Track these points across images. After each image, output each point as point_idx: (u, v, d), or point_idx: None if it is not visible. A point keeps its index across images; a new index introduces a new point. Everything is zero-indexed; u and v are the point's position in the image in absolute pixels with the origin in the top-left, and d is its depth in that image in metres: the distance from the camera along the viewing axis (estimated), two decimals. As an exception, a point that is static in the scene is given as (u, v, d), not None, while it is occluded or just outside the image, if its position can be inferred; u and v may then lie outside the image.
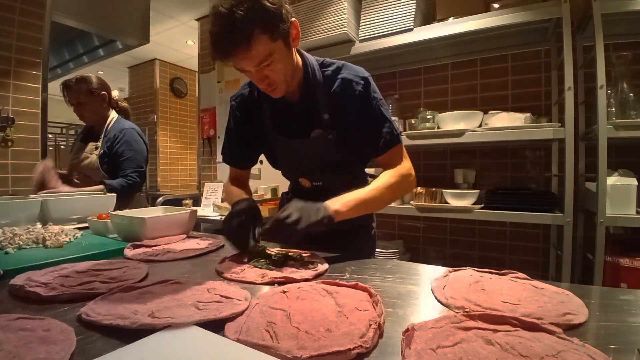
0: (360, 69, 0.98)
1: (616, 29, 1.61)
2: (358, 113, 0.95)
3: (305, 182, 1.08)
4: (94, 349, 0.42)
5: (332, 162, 1.01)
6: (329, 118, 0.95)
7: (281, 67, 0.86)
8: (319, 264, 0.76)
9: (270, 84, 0.88)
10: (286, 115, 1.00)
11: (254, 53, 0.79)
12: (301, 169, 1.08)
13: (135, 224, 0.98)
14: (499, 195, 1.71)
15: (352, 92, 0.94)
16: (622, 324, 0.48)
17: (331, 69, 0.97)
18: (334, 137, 0.95)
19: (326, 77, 0.96)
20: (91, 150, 1.74)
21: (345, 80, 0.95)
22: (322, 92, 0.95)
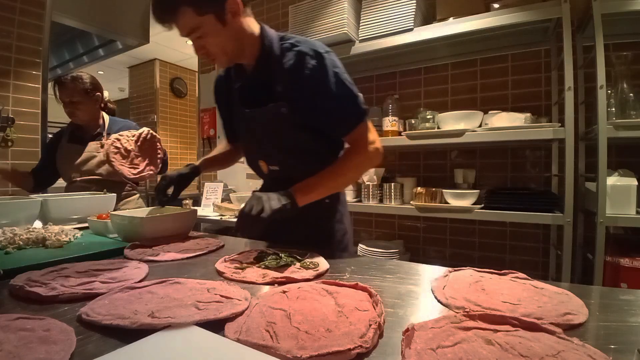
0: (319, 43, 0.95)
1: (616, 29, 1.61)
2: (312, 89, 0.91)
3: (263, 166, 1.08)
4: (94, 349, 0.42)
5: (290, 144, 0.99)
6: (282, 90, 0.94)
7: (215, 41, 0.89)
8: (319, 264, 0.76)
9: (208, 55, 0.92)
10: (247, 87, 1.02)
11: (181, 24, 0.85)
12: (258, 149, 1.08)
13: (135, 224, 0.98)
14: (499, 195, 1.71)
15: (304, 65, 0.91)
16: (622, 324, 0.48)
17: (289, 42, 0.96)
18: (288, 112, 0.93)
19: (283, 49, 0.96)
20: (96, 149, 1.73)
21: (300, 53, 0.92)
22: (277, 64, 0.95)
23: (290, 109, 0.93)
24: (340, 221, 1.10)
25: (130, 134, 1.72)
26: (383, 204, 2.04)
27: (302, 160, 1.02)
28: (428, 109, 1.95)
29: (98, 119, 1.80)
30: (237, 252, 0.85)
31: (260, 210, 0.80)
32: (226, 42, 0.91)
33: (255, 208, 0.81)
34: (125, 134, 1.70)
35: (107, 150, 1.61)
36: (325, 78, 0.91)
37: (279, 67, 0.94)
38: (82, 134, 1.78)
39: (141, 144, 1.74)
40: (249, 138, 1.08)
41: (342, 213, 1.12)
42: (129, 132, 1.73)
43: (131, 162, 1.69)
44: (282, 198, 0.85)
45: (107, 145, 1.63)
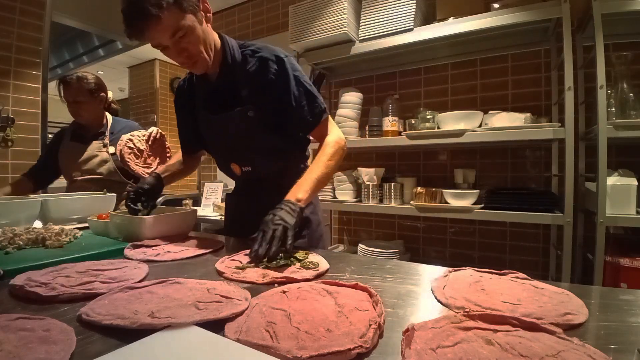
0: (278, 49, 1.01)
1: (616, 29, 1.61)
2: (277, 92, 0.97)
3: (235, 168, 1.10)
4: (94, 349, 0.42)
5: (259, 145, 1.03)
6: (247, 95, 0.98)
7: (196, 39, 0.89)
8: (319, 264, 0.76)
9: (190, 57, 0.91)
10: (211, 94, 1.04)
11: (166, 24, 0.82)
12: (228, 152, 1.10)
13: (135, 224, 0.98)
14: (499, 195, 1.71)
15: (267, 70, 0.97)
16: (622, 324, 0.48)
17: (250, 49, 1.01)
18: (255, 115, 0.97)
19: (244, 56, 1.00)
20: (98, 149, 1.74)
21: (262, 58, 0.98)
22: (241, 70, 0.99)
23: (257, 112, 0.98)
24: (314, 212, 1.15)
25: (141, 134, 1.74)
26: (383, 204, 2.04)
27: (272, 158, 1.06)
28: (428, 109, 1.95)
29: (102, 118, 1.81)
30: (237, 252, 0.85)
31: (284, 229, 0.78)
32: (204, 43, 0.92)
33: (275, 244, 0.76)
34: (136, 134, 1.73)
35: (121, 151, 1.64)
36: (287, 81, 0.97)
37: (242, 72, 0.99)
38: (85, 133, 1.79)
39: (152, 143, 1.76)
40: (218, 143, 1.12)
41: (315, 205, 1.17)
42: (140, 132, 1.75)
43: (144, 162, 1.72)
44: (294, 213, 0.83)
45: (120, 146, 1.66)
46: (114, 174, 1.72)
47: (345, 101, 2.15)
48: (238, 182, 1.21)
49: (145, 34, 0.83)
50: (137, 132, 1.75)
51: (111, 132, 1.79)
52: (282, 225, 0.78)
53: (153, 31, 0.83)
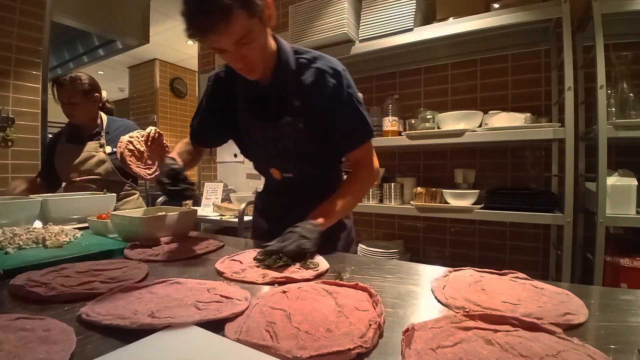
0: (335, 60, 0.98)
1: (616, 29, 1.61)
2: (329, 106, 0.95)
3: (275, 173, 1.08)
4: (94, 349, 0.42)
5: (303, 153, 1.01)
6: (300, 106, 0.95)
7: (258, 46, 0.86)
8: (319, 264, 0.76)
9: (248, 64, 0.87)
10: (258, 99, 1.00)
11: (233, 29, 0.78)
12: (271, 158, 1.08)
13: (135, 224, 0.98)
14: (499, 195, 1.71)
15: (325, 84, 0.94)
16: (622, 324, 0.48)
17: (306, 57, 0.97)
18: (304, 126, 0.95)
19: (300, 64, 0.96)
20: (95, 149, 1.74)
21: (319, 70, 0.94)
22: (294, 79, 0.95)
23: (306, 123, 0.95)
24: (348, 217, 1.16)
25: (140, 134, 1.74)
26: (383, 204, 2.04)
27: (315, 166, 1.06)
28: (428, 109, 1.95)
29: (96, 119, 1.80)
30: (237, 252, 0.85)
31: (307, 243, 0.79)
32: (264, 49, 0.89)
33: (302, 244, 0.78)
34: (135, 135, 1.73)
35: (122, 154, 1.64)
36: (341, 97, 0.95)
37: (296, 82, 0.95)
38: (81, 133, 1.78)
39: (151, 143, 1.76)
40: (261, 148, 1.07)
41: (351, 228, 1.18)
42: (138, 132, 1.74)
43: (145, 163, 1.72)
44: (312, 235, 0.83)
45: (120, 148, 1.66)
46: (112, 174, 1.72)
47: (345, 101, 2.14)
48: (273, 184, 1.16)
49: (209, 37, 0.79)
50: (135, 133, 1.74)
51: (107, 131, 1.78)
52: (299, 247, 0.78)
53: (218, 34, 0.78)
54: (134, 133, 1.74)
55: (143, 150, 1.72)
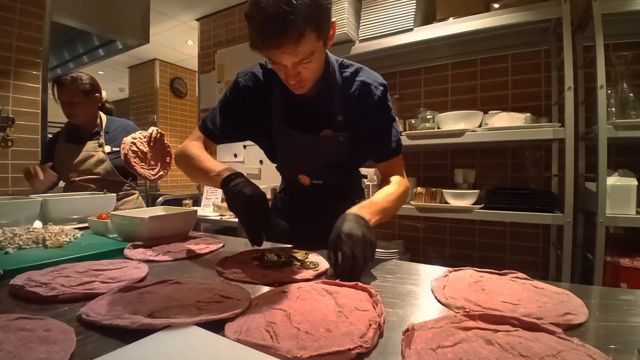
0: (377, 74, 0.99)
1: (616, 29, 1.61)
2: (372, 118, 0.96)
3: (304, 180, 1.07)
4: (94, 349, 0.42)
5: (338, 163, 1.02)
6: (342, 120, 0.95)
7: (316, 67, 0.86)
8: (319, 264, 0.76)
9: (301, 81, 0.86)
10: (298, 109, 0.98)
11: (300, 50, 0.76)
12: (304, 167, 1.06)
13: (135, 224, 0.98)
14: (499, 195, 1.71)
15: (371, 97, 0.95)
16: (622, 324, 0.48)
17: (350, 71, 0.97)
18: (345, 140, 0.96)
19: (344, 78, 0.96)
20: (94, 149, 1.74)
21: (365, 84, 0.95)
22: (339, 92, 0.95)
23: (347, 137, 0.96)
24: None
25: (142, 135, 1.75)
26: (383, 204, 2.03)
27: (343, 173, 1.06)
28: (428, 109, 1.95)
29: (96, 119, 1.81)
30: (237, 252, 0.85)
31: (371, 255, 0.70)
32: (320, 69, 0.89)
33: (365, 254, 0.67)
34: (138, 136, 1.74)
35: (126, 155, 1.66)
36: (384, 110, 0.97)
37: (341, 95, 0.95)
38: (80, 133, 1.78)
39: (153, 144, 1.78)
40: (294, 157, 1.05)
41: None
42: (140, 133, 1.76)
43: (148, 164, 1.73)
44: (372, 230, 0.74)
45: (124, 150, 1.68)
46: (111, 173, 1.72)
47: (345, 101, 2.15)
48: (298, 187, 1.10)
49: (274, 53, 0.77)
50: (138, 134, 1.75)
51: (106, 131, 1.79)
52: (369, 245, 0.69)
53: (285, 53, 0.77)
54: (136, 134, 1.75)
55: (146, 151, 1.73)
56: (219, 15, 3.41)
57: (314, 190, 1.07)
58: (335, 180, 1.06)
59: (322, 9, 0.75)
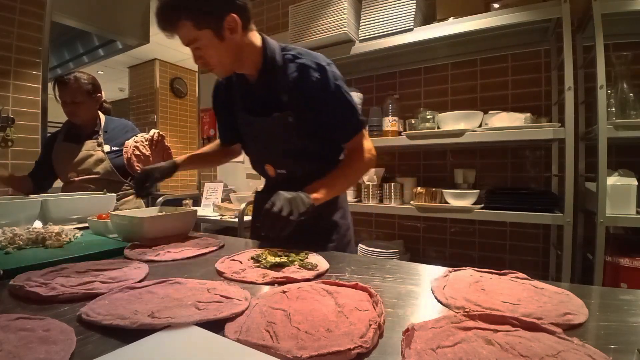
0: (320, 55, 1.01)
1: (616, 29, 1.61)
2: (317, 100, 0.98)
3: (270, 170, 1.11)
4: (94, 349, 0.42)
5: (295, 149, 1.04)
6: (287, 100, 0.98)
7: (212, 53, 0.92)
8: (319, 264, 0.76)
9: (205, 65, 0.95)
10: (250, 96, 1.05)
11: (180, 34, 0.90)
12: (265, 154, 1.11)
13: (135, 224, 0.98)
14: (499, 195, 1.71)
15: (309, 79, 0.97)
16: (622, 324, 0.48)
17: (291, 53, 1.01)
18: (294, 120, 0.98)
19: (285, 61, 1.00)
20: (93, 148, 1.74)
21: (303, 65, 0.98)
22: (282, 75, 0.99)
23: (296, 118, 0.98)
24: (344, 217, 1.16)
25: (144, 138, 1.77)
26: (383, 204, 2.04)
27: (307, 163, 1.07)
28: (428, 109, 1.95)
29: (96, 118, 1.81)
30: (237, 252, 0.85)
31: (289, 212, 0.82)
32: (224, 55, 0.94)
33: (285, 210, 0.82)
34: (140, 139, 1.75)
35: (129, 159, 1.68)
36: (328, 90, 0.97)
37: (283, 78, 0.99)
38: (79, 132, 1.78)
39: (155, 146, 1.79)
40: (256, 144, 1.12)
41: (345, 209, 1.18)
42: (142, 136, 1.77)
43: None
44: (305, 200, 0.87)
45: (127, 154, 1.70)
46: (111, 173, 1.72)
47: (345, 101, 2.14)
48: (270, 182, 1.21)
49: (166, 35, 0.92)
50: (140, 137, 1.76)
51: (105, 130, 1.79)
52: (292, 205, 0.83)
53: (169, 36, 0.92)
54: (138, 137, 1.76)
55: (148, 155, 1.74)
56: (219, 15, 3.41)
57: (280, 182, 1.10)
58: (299, 171, 1.07)
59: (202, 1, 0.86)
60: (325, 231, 1.10)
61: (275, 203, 0.84)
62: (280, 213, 0.81)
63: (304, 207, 0.85)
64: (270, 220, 0.82)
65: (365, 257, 1.28)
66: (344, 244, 1.14)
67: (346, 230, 1.16)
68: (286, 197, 0.85)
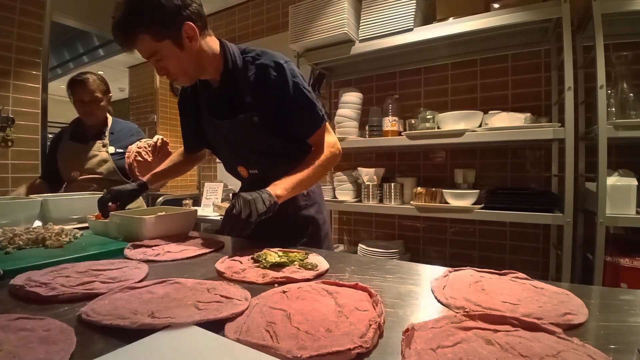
0: (278, 55, 1.02)
1: (616, 29, 1.61)
2: (278, 98, 0.99)
3: (242, 171, 1.13)
4: (94, 349, 0.42)
5: (264, 149, 1.05)
6: (251, 101, 0.99)
7: (174, 63, 0.93)
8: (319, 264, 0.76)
9: (169, 75, 0.96)
10: (214, 100, 1.06)
11: (140, 49, 0.90)
12: (235, 156, 1.13)
13: (135, 224, 0.98)
14: (499, 195, 1.71)
15: (268, 78, 0.98)
16: (622, 324, 0.48)
17: (251, 55, 1.02)
18: (259, 120, 0.99)
19: (245, 63, 1.02)
20: (98, 148, 1.75)
21: (261, 65, 0.99)
22: (242, 77, 1.00)
23: (261, 117, 0.99)
24: (319, 211, 1.19)
25: (147, 144, 1.78)
26: (383, 204, 2.04)
27: (278, 161, 1.08)
28: (428, 109, 1.95)
29: (106, 119, 1.84)
30: (237, 252, 0.85)
31: (249, 213, 0.84)
32: (185, 64, 0.95)
33: (244, 211, 0.84)
34: (143, 145, 1.76)
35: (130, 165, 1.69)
36: (286, 87, 0.99)
37: (244, 79, 1.00)
38: (85, 132, 1.79)
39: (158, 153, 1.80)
40: (225, 147, 1.13)
41: (320, 204, 1.21)
42: (145, 142, 1.78)
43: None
44: (266, 199, 0.88)
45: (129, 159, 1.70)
46: (113, 173, 1.73)
47: (345, 101, 2.15)
48: (244, 183, 1.23)
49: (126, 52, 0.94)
50: (143, 143, 1.78)
51: (111, 132, 1.80)
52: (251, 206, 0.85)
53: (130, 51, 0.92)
54: (141, 143, 1.77)
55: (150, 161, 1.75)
56: (219, 15, 3.41)
57: (255, 182, 1.11)
58: (271, 171, 1.07)
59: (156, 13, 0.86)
60: (300, 226, 1.13)
61: (235, 205, 0.85)
62: (239, 215, 0.83)
63: (264, 207, 0.86)
64: (231, 221, 0.84)
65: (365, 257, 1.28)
66: (321, 237, 1.16)
67: (322, 224, 1.18)
68: (246, 198, 0.86)
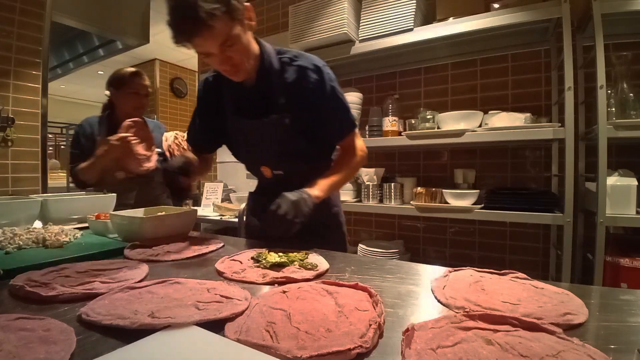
0: (315, 57, 1.02)
1: (616, 29, 1.61)
2: (314, 101, 0.99)
3: (266, 171, 1.12)
4: (94, 349, 0.42)
5: (292, 150, 1.05)
6: (285, 103, 0.99)
7: (242, 48, 0.90)
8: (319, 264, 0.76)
9: (234, 66, 0.91)
10: (245, 99, 1.04)
11: (217, 33, 0.81)
12: (261, 156, 1.11)
13: (135, 224, 0.98)
14: (499, 195, 1.71)
15: (307, 80, 0.98)
16: (622, 324, 0.48)
17: (287, 56, 1.01)
18: (290, 122, 0.99)
19: (282, 63, 1.01)
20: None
21: (301, 67, 0.99)
22: (278, 77, 0.99)
23: (293, 119, 0.99)
24: (340, 214, 1.22)
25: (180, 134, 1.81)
26: (383, 204, 2.04)
27: (304, 162, 1.08)
28: (428, 109, 1.95)
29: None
30: (237, 252, 0.85)
31: (295, 214, 0.85)
32: (248, 51, 0.93)
33: (290, 212, 0.85)
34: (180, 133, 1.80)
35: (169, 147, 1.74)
36: (324, 91, 0.99)
37: (280, 80, 0.99)
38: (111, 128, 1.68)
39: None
40: (251, 147, 1.11)
41: (339, 207, 1.23)
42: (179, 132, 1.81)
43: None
44: (308, 201, 0.89)
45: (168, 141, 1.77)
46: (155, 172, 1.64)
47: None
48: (264, 183, 1.21)
49: (195, 41, 0.82)
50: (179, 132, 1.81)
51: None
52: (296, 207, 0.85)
53: (203, 39, 0.82)
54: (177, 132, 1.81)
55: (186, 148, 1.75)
56: (219, 15, 3.41)
57: (278, 183, 1.10)
58: (296, 171, 1.08)
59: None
60: (324, 228, 1.12)
61: (281, 205, 0.85)
62: (285, 216, 0.84)
63: (308, 209, 0.87)
64: (276, 222, 0.84)
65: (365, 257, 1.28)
66: (343, 241, 1.18)
67: (343, 227, 1.21)
68: (291, 199, 0.87)
